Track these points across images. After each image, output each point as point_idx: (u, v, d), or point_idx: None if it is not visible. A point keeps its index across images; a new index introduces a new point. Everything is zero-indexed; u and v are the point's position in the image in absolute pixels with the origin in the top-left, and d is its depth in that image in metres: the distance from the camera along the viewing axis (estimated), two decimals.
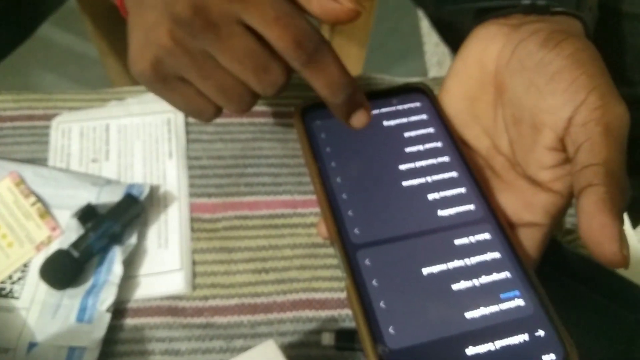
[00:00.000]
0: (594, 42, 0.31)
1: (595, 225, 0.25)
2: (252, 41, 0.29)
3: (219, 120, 0.47)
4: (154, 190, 0.43)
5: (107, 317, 0.38)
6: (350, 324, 0.39)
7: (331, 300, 0.40)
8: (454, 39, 0.36)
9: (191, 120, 0.47)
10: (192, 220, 0.42)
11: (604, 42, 0.34)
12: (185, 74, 0.31)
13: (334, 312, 0.39)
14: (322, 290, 0.40)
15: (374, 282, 0.28)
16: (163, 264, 0.41)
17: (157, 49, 0.30)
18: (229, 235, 0.42)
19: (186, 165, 0.45)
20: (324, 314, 0.39)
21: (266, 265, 0.41)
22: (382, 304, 0.27)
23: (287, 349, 0.38)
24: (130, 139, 0.46)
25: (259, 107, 0.47)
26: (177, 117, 0.47)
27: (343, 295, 0.40)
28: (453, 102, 0.35)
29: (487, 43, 0.33)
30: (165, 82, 0.32)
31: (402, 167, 0.33)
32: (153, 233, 0.42)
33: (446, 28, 0.56)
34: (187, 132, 0.46)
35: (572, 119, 0.28)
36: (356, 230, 0.30)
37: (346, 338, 0.38)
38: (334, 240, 0.31)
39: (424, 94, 0.37)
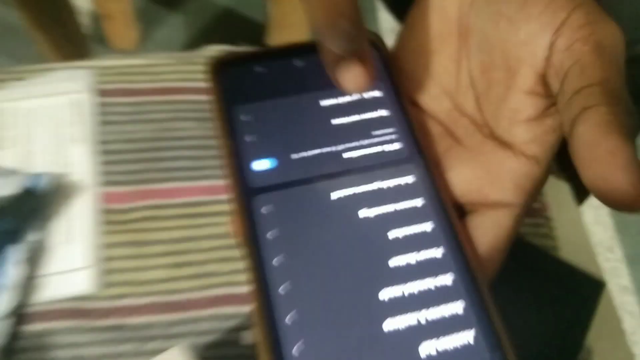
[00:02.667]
0: None
1: (601, 154, 0.19)
2: None
3: (132, 98, 0.43)
4: (59, 180, 0.39)
5: (5, 325, 0.34)
6: None
7: None
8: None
9: (102, 100, 0.42)
10: (102, 211, 0.39)
11: (601, 2, 0.29)
12: None
13: None
14: (244, 284, 0.37)
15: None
16: (68, 262, 0.37)
17: None
18: (141, 227, 0.38)
19: (94, 151, 0.40)
20: (245, 309, 0.36)
21: (182, 259, 0.37)
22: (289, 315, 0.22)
23: (204, 349, 0.35)
24: (33, 123, 0.41)
25: (176, 83, 0.43)
26: (86, 97, 0.42)
27: None
28: (408, 58, 0.29)
29: None
30: None
31: (340, 145, 0.26)
32: (58, 227, 0.38)
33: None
34: (97, 114, 0.42)
35: (554, 45, 0.23)
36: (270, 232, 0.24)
37: None
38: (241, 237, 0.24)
39: (373, 46, 0.30)
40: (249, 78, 0.27)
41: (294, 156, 0.25)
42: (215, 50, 0.47)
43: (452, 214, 0.25)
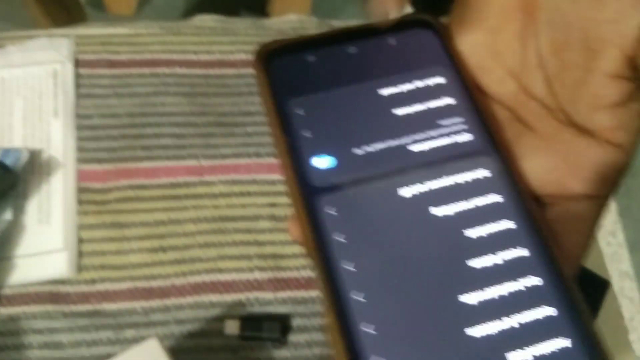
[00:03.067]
0: None
1: None
2: None
3: (114, 70, 0.40)
4: (35, 155, 0.37)
5: None
6: (259, 309, 0.34)
7: (238, 282, 0.35)
8: None
9: (82, 71, 0.40)
10: (80, 190, 0.36)
11: None
12: None
13: (241, 296, 0.35)
14: (228, 271, 0.35)
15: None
16: (44, 243, 0.35)
17: None
18: (121, 208, 0.36)
19: (74, 125, 0.38)
20: (230, 297, 0.34)
21: (164, 243, 0.35)
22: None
23: (185, 338, 0.34)
24: (9, 94, 0.39)
25: (162, 55, 0.41)
26: (66, 68, 0.40)
27: (252, 275, 0.35)
28: (467, 37, 0.27)
29: None
30: None
31: (405, 138, 0.25)
32: (33, 206, 0.36)
33: None
34: (77, 86, 0.39)
35: None
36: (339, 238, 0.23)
37: (252, 327, 0.33)
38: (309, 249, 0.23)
39: (431, 28, 0.28)
40: (299, 67, 0.25)
41: (356, 151, 0.23)
42: (206, 19, 0.44)
43: (534, 209, 0.23)
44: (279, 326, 0.33)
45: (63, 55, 0.40)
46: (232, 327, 0.33)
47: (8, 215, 0.35)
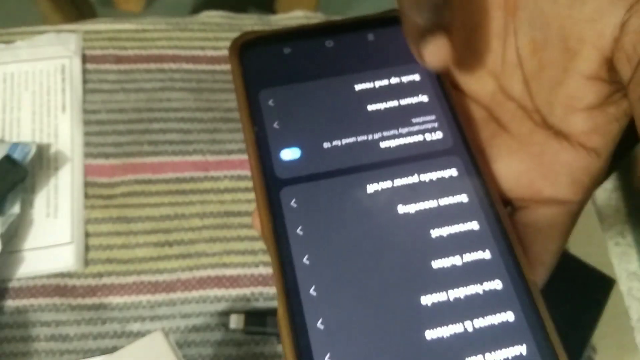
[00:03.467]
0: None
1: None
2: None
3: (121, 66, 0.40)
4: (43, 150, 0.37)
5: None
6: (264, 304, 0.35)
7: (243, 277, 0.35)
8: None
9: (90, 67, 0.40)
10: (87, 185, 0.37)
11: None
12: None
13: (246, 291, 0.35)
14: (233, 266, 0.35)
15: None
16: (51, 237, 0.35)
17: None
18: (128, 202, 0.36)
19: (82, 121, 0.38)
20: (235, 292, 0.35)
21: (170, 238, 0.36)
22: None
23: (190, 332, 0.34)
24: (18, 89, 0.39)
25: (169, 50, 0.41)
26: (73, 63, 0.40)
27: (257, 270, 0.35)
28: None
29: None
30: None
31: (376, 134, 0.24)
32: (41, 200, 0.36)
33: None
34: (84, 81, 0.40)
35: (627, 24, 0.20)
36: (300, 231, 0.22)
37: (257, 321, 0.33)
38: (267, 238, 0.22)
39: None
40: (275, 60, 0.25)
41: (326, 145, 0.23)
42: (212, 15, 0.44)
43: (501, 212, 0.22)
44: None
45: (71, 50, 0.40)
46: (236, 322, 0.33)
47: (16, 209, 0.35)
